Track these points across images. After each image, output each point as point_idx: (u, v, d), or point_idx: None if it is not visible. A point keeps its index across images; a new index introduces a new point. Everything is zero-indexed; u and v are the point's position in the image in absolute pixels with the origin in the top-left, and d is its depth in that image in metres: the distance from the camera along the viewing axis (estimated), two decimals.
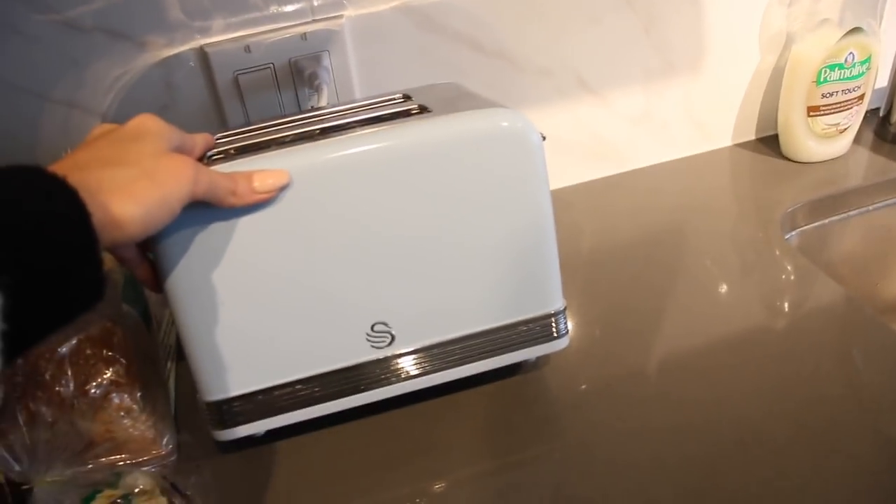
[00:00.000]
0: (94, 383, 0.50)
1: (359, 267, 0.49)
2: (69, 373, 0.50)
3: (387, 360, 0.53)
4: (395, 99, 0.57)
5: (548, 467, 0.53)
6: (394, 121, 0.51)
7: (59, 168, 0.37)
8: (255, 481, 0.54)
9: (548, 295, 0.55)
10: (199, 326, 0.48)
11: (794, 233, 0.81)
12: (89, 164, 0.39)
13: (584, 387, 0.60)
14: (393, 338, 0.53)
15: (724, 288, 0.70)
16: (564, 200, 0.84)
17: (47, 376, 0.49)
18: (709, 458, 0.52)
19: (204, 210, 0.44)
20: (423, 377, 0.55)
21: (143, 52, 0.65)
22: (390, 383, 0.54)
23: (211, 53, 0.66)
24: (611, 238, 0.78)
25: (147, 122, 0.44)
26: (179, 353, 0.65)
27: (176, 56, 0.66)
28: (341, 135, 0.49)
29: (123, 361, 0.51)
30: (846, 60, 0.80)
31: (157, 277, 0.47)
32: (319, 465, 0.55)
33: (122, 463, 0.52)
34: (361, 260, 0.49)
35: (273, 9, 0.67)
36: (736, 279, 0.70)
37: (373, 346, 0.52)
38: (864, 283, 0.88)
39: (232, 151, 0.50)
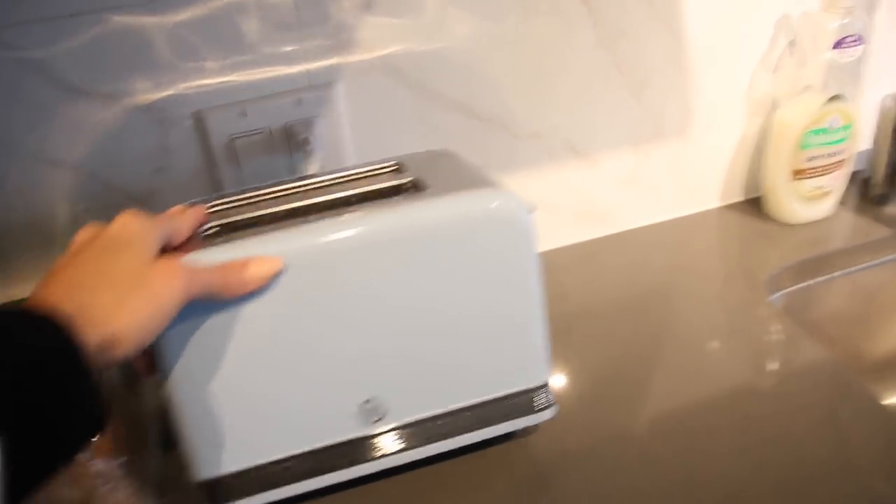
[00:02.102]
0: None
1: (350, 345, 0.50)
2: None
3: (377, 436, 0.54)
4: (387, 167, 0.59)
5: None
6: (385, 199, 0.52)
7: (53, 291, 0.38)
8: None
9: (535, 369, 0.56)
10: (192, 406, 0.48)
11: (779, 294, 0.82)
12: (83, 284, 0.40)
13: (569, 449, 0.60)
14: (383, 414, 0.53)
15: (710, 349, 0.70)
16: (553, 262, 0.85)
17: None
18: None
19: None
20: (412, 450, 0.55)
21: (140, 114, 0.66)
22: (380, 457, 0.55)
23: (207, 117, 0.67)
24: (599, 300, 0.79)
25: (130, 225, 0.44)
26: (163, 416, 0.65)
27: (172, 119, 0.67)
28: (333, 214, 0.50)
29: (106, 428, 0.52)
30: (829, 126, 0.82)
31: (150, 364, 0.48)
32: None
33: None
34: (353, 338, 0.50)
35: (270, 73, 0.68)
36: (722, 341, 0.71)
37: (363, 422, 0.53)
38: (848, 344, 0.89)
39: (224, 230, 0.51)
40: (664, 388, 0.66)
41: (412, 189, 0.54)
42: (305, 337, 0.49)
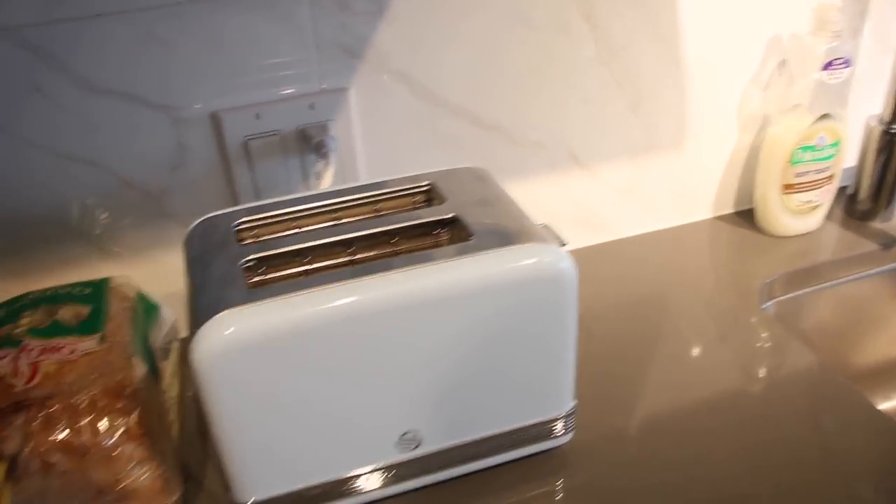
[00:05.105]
0: (107, 434, 0.52)
1: (393, 386, 0.52)
2: (83, 423, 0.51)
3: (412, 461, 0.56)
4: (419, 188, 0.61)
5: None
6: (429, 236, 0.56)
7: None
8: None
9: (564, 398, 0.59)
10: (237, 434, 0.49)
11: (770, 302, 0.85)
12: None
13: (569, 450, 0.62)
14: (419, 443, 0.55)
15: (704, 354, 0.73)
16: None
17: (62, 426, 0.51)
18: None
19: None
20: (441, 472, 0.58)
21: (158, 114, 0.68)
22: (412, 478, 0.57)
23: (223, 118, 0.69)
24: (596, 305, 0.81)
25: None
26: (181, 406, 0.66)
27: (190, 119, 0.69)
28: (380, 259, 0.53)
29: (134, 413, 0.53)
30: (817, 143, 0.86)
31: None
32: None
33: None
34: (396, 380, 0.52)
35: (283, 78, 0.70)
36: (716, 346, 0.74)
37: (400, 451, 0.55)
38: (836, 352, 0.92)
39: (262, 264, 0.54)
40: (660, 390, 0.68)
41: (455, 226, 0.56)
42: (352, 379, 0.50)
